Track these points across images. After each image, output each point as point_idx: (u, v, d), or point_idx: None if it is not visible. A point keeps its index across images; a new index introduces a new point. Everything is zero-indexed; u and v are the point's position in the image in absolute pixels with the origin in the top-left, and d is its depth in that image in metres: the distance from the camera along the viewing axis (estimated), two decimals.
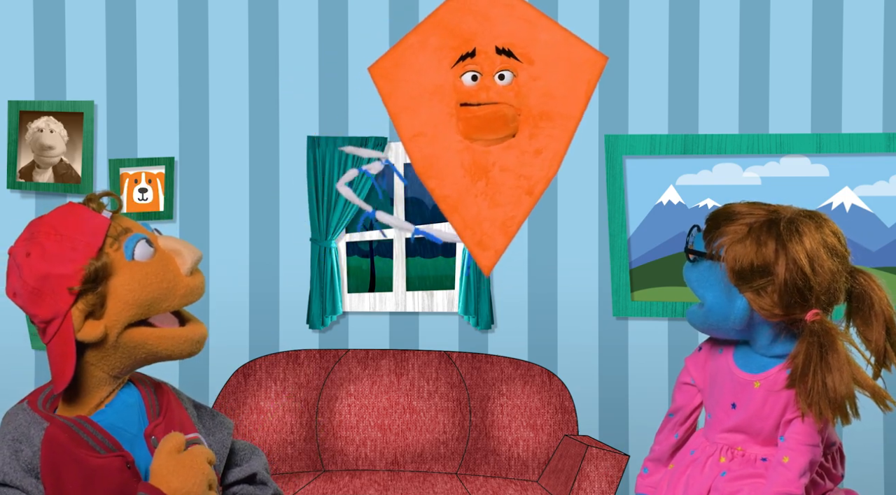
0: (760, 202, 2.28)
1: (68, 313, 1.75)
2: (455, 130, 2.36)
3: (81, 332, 1.76)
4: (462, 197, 2.37)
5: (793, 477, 2.13)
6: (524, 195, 2.36)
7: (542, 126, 2.35)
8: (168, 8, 4.69)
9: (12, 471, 1.71)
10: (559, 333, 4.64)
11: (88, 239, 1.77)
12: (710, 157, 4.50)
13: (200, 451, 1.79)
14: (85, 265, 1.75)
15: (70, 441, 1.75)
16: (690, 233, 2.34)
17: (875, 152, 4.42)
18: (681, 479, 2.31)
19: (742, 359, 2.28)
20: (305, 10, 4.67)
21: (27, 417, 1.78)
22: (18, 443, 1.73)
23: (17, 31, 4.70)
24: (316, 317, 4.62)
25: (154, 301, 1.81)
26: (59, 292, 1.74)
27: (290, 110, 4.68)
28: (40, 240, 1.78)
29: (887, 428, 4.54)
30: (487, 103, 2.33)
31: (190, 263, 1.85)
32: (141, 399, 1.86)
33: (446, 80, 2.37)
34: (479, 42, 2.35)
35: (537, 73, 2.34)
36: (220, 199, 4.69)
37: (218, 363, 4.65)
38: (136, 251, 1.80)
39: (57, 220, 1.80)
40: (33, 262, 1.76)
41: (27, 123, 4.65)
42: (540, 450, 4.39)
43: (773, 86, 4.54)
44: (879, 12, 4.51)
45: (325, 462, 4.44)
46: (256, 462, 1.99)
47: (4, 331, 4.67)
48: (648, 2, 4.59)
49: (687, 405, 2.39)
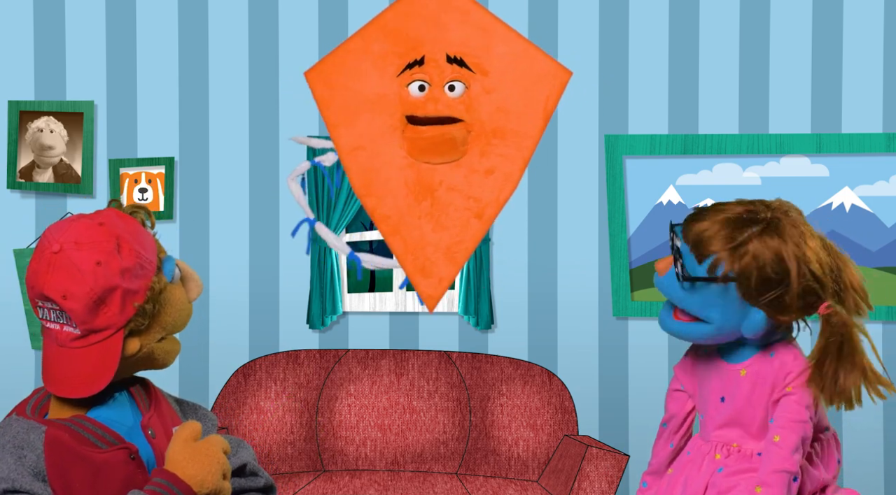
0: (727, 204, 2.20)
1: (122, 327, 1.75)
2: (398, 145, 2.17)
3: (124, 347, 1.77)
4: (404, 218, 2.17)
5: (786, 455, 2.13)
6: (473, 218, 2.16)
7: (494, 144, 2.15)
8: (168, 8, 4.69)
9: (20, 477, 1.70)
10: (559, 333, 4.64)
11: (150, 255, 1.78)
12: (710, 157, 4.50)
13: (216, 440, 1.80)
14: (150, 284, 1.76)
15: (72, 439, 1.74)
16: (676, 262, 2.16)
17: (875, 152, 4.42)
18: (679, 479, 2.31)
19: (726, 349, 2.28)
20: (305, 10, 4.67)
21: (23, 425, 1.76)
22: (21, 450, 1.72)
23: (17, 31, 4.70)
24: (316, 317, 4.62)
25: (176, 325, 1.85)
26: (124, 306, 1.74)
27: (290, 110, 4.68)
28: (111, 248, 1.74)
29: (887, 428, 4.54)
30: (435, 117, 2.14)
31: (196, 293, 1.89)
32: (129, 394, 1.86)
33: (390, 89, 2.16)
34: (428, 49, 2.15)
35: (491, 86, 2.14)
36: (220, 199, 4.69)
37: (218, 363, 4.65)
38: (174, 275, 1.83)
39: (126, 229, 1.78)
40: (105, 272, 1.72)
41: (27, 123, 4.65)
42: (540, 450, 4.39)
43: (773, 86, 4.54)
44: (879, 12, 4.51)
45: (325, 462, 4.44)
46: (245, 453, 1.98)
47: (4, 330, 4.67)
48: (648, 2, 4.59)
49: (679, 412, 2.39)
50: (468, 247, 2.17)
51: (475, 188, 2.15)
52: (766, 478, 2.12)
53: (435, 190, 2.16)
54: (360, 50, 2.18)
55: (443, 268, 2.16)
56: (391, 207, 2.17)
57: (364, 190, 2.18)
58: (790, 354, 2.22)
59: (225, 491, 1.78)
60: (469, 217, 2.16)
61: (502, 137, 2.15)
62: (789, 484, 2.12)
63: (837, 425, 4.53)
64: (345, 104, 2.18)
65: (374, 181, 2.17)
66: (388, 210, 2.17)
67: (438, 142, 2.14)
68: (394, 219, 2.17)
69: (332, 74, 2.20)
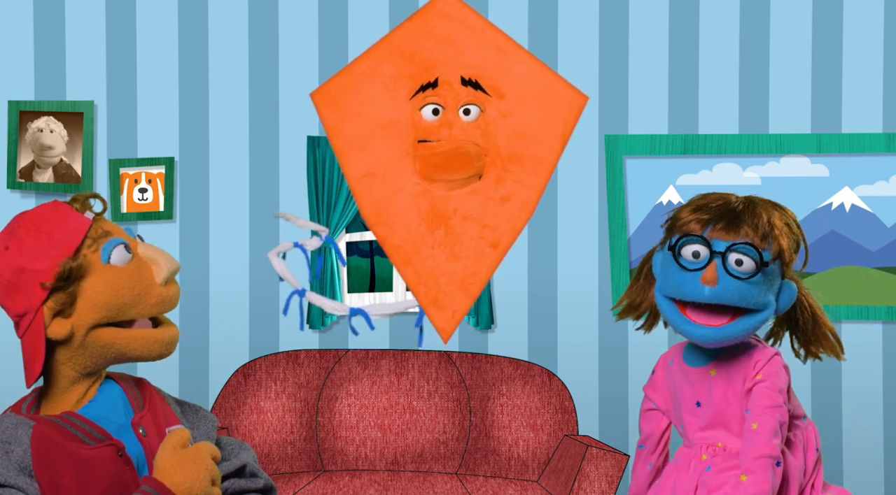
0: (713, 195, 2.28)
1: (40, 309, 1.77)
2: (411, 171, 2.07)
3: (49, 329, 1.78)
4: (417, 247, 2.07)
5: (766, 440, 2.14)
6: (488, 248, 2.07)
7: (510, 169, 2.07)
8: (168, 8, 4.69)
9: (6, 471, 1.72)
10: (559, 333, 4.64)
11: (67, 237, 1.78)
12: (710, 157, 4.50)
13: (204, 447, 1.80)
14: (60, 262, 1.76)
15: (59, 435, 1.76)
16: (726, 263, 2.13)
17: (875, 152, 4.42)
18: (667, 483, 2.31)
19: (689, 355, 2.31)
20: (305, 10, 4.67)
21: (12, 420, 1.79)
22: (8, 445, 1.74)
23: (17, 31, 4.70)
24: (316, 317, 4.62)
25: (123, 306, 1.81)
26: (33, 287, 1.76)
27: (290, 110, 4.68)
28: (20, 234, 1.79)
29: (887, 428, 4.54)
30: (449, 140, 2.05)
31: (165, 273, 1.85)
32: (123, 392, 1.88)
33: (402, 113, 2.06)
34: (441, 71, 2.05)
35: (508, 109, 2.06)
36: (220, 199, 4.69)
37: (218, 363, 4.65)
38: (112, 255, 1.81)
39: (39, 216, 1.81)
40: (11, 255, 1.77)
41: (27, 123, 4.65)
42: (540, 450, 4.39)
43: (773, 86, 4.54)
44: (879, 12, 4.51)
45: (325, 462, 4.44)
46: (245, 455, 1.99)
47: (4, 330, 4.67)
48: (648, 2, 4.59)
49: (655, 431, 2.40)
50: (483, 277, 2.09)
51: (491, 216, 2.07)
52: (750, 465, 2.13)
53: (449, 218, 2.08)
54: (370, 72, 2.08)
55: (457, 300, 2.08)
56: (403, 237, 2.08)
57: (374, 218, 2.09)
58: (756, 345, 2.26)
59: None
60: (484, 247, 2.07)
61: (519, 163, 2.07)
62: (773, 468, 2.13)
63: (837, 425, 4.53)
64: (354, 129, 2.09)
65: (385, 209, 2.09)
66: (399, 240, 2.08)
67: (452, 157, 2.06)
68: (406, 248, 2.08)
69: (340, 97, 2.08)
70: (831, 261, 4.46)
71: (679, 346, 2.37)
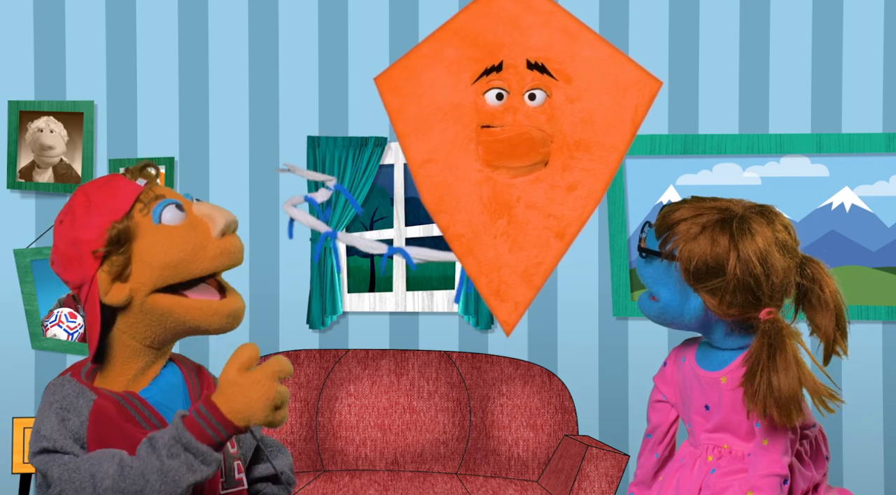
0: (713, 198, 2.24)
1: (94, 277, 1.75)
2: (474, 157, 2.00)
3: (108, 296, 1.75)
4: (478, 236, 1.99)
5: (776, 458, 2.14)
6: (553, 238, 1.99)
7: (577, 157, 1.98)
8: (168, 8, 4.69)
9: (62, 439, 1.70)
10: (559, 333, 4.64)
11: (116, 204, 1.77)
12: (710, 157, 4.50)
13: (272, 366, 1.68)
14: (107, 228, 1.75)
15: (118, 414, 1.74)
16: (643, 230, 2.25)
17: (875, 152, 4.42)
18: (671, 483, 2.31)
19: (703, 358, 2.29)
20: (305, 10, 4.67)
21: (74, 388, 1.76)
22: (66, 412, 1.72)
23: (17, 31, 4.70)
24: (316, 317, 4.62)
25: (181, 262, 1.77)
26: (86, 256, 1.75)
27: (290, 110, 4.68)
28: (73, 207, 1.79)
29: (887, 428, 4.54)
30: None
31: (222, 225, 1.81)
32: (184, 379, 1.86)
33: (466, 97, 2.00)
34: (506, 54, 1.98)
35: (575, 95, 1.97)
36: (220, 199, 4.69)
37: (218, 363, 4.65)
38: (163, 215, 1.79)
39: (91, 188, 1.81)
40: (64, 229, 1.78)
41: (27, 123, 4.65)
42: (540, 450, 4.39)
43: (773, 86, 4.55)
44: (879, 12, 4.51)
45: (325, 462, 4.44)
46: (282, 461, 1.98)
47: (4, 331, 4.67)
48: (648, 2, 4.59)
49: (663, 422, 2.39)
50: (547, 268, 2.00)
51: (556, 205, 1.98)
52: (758, 483, 2.13)
53: (512, 207, 1.99)
54: (433, 55, 2.00)
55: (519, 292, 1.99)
56: (464, 225, 1.99)
57: (435, 206, 2.01)
58: None
59: (278, 421, 1.69)
60: (549, 237, 1.99)
61: (587, 150, 1.97)
62: (780, 487, 2.13)
63: (837, 425, 4.53)
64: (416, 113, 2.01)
65: (445, 196, 2.00)
66: (461, 228, 1.99)
67: (516, 143, 1.97)
68: (467, 237, 1.99)
69: (402, 81, 2.01)
70: (831, 261, 4.41)
71: (693, 345, 2.36)
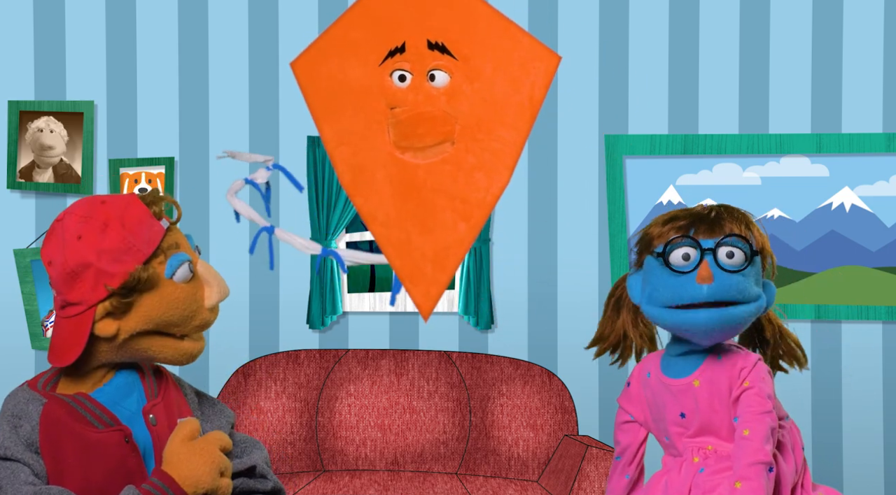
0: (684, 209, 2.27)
1: (94, 306, 1.77)
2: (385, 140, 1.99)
3: (96, 327, 1.78)
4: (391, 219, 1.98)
5: (758, 446, 2.13)
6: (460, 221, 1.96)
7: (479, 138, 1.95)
8: (168, 8, 4.69)
9: (13, 446, 1.74)
10: (559, 333, 4.64)
11: (143, 246, 1.79)
12: (710, 157, 4.50)
13: (214, 438, 1.81)
14: (131, 272, 1.77)
15: (67, 416, 1.78)
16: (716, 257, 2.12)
17: (875, 152, 4.42)
18: (657, 485, 2.30)
19: (668, 368, 2.28)
20: (305, 10, 4.67)
21: (26, 395, 1.81)
22: (18, 419, 1.76)
23: (17, 31, 4.70)
24: (316, 317, 4.62)
25: (170, 323, 1.84)
26: (96, 285, 1.76)
27: (290, 110, 4.68)
28: (97, 226, 1.78)
29: (887, 428, 4.54)
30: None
31: (216, 299, 1.88)
32: (139, 379, 1.89)
33: (373, 79, 1.98)
34: (408, 35, 1.96)
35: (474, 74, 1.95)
36: (220, 199, 4.69)
37: (218, 363, 4.65)
38: (177, 272, 1.83)
39: (123, 213, 1.80)
40: (82, 247, 1.76)
41: (27, 123, 4.65)
42: (540, 450, 4.39)
43: (773, 86, 4.54)
44: (879, 12, 4.51)
45: (325, 462, 4.44)
46: (257, 455, 1.99)
47: (4, 330, 4.67)
48: (648, 2, 4.59)
49: (633, 442, 2.38)
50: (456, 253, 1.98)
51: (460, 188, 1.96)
52: (744, 472, 2.12)
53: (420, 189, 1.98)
54: (342, 37, 1.99)
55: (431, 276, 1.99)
56: (377, 206, 2.00)
57: (352, 188, 2.03)
58: (738, 352, 2.24)
59: (223, 488, 1.79)
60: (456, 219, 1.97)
61: (488, 131, 1.94)
62: (766, 474, 2.12)
63: (837, 425, 4.53)
64: (329, 96, 2.02)
65: (359, 179, 2.02)
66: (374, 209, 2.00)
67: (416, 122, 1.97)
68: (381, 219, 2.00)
69: (316, 64, 2.03)
70: (831, 261, 4.46)
71: (655, 357, 2.34)
